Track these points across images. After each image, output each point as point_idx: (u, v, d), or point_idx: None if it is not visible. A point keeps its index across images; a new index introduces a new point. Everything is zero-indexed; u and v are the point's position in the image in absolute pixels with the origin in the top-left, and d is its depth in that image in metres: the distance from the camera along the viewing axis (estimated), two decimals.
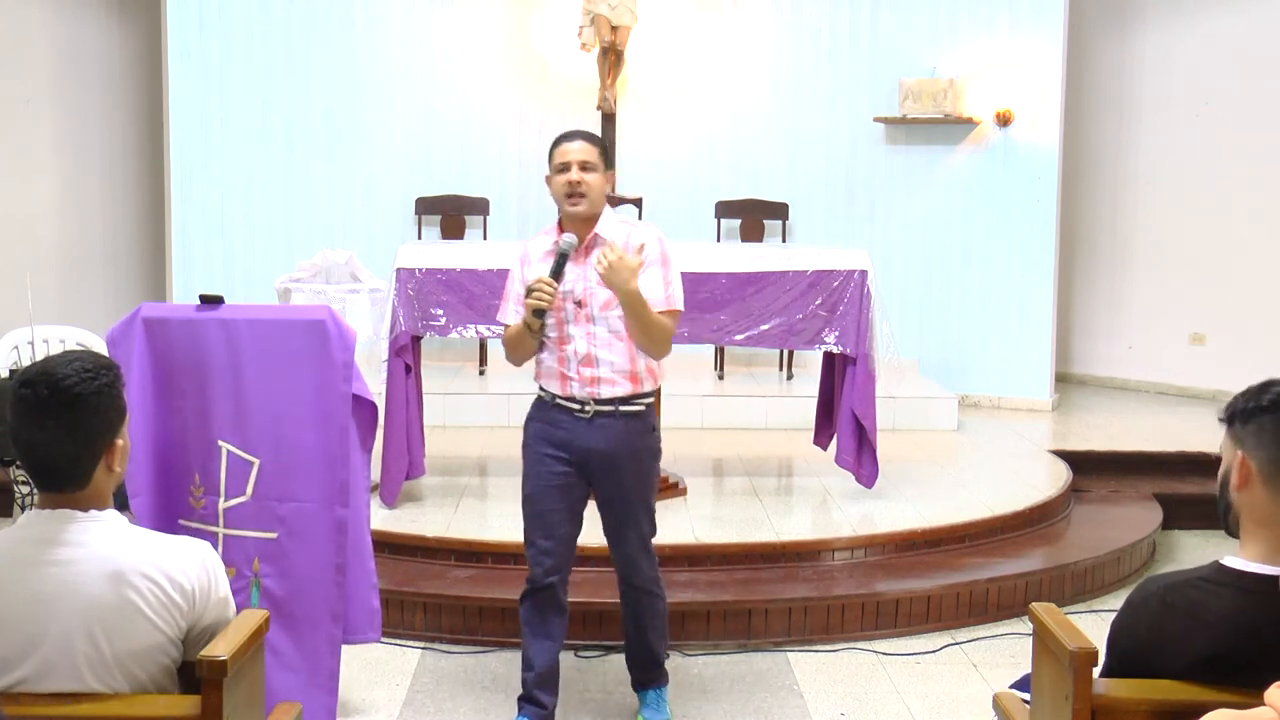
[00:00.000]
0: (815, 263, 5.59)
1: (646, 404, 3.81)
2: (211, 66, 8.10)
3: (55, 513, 2.27)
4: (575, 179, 3.69)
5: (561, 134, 3.82)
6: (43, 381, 2.22)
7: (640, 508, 3.86)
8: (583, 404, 3.73)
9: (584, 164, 3.71)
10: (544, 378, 3.80)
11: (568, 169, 3.71)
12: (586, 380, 3.71)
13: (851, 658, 4.70)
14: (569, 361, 3.72)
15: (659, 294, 3.69)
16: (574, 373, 3.71)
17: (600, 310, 3.70)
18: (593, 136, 3.84)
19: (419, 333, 5.41)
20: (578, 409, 3.74)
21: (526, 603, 3.89)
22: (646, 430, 3.83)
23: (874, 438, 5.59)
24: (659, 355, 3.76)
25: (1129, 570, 5.63)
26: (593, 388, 3.71)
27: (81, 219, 8.36)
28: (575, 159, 3.72)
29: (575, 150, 3.73)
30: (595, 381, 3.71)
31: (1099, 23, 8.69)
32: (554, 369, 3.75)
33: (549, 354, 3.76)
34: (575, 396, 3.73)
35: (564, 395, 3.74)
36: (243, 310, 3.69)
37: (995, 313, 8.18)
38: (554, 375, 3.76)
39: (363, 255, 6.34)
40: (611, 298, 3.65)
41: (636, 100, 8.16)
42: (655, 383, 3.82)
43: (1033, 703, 2.64)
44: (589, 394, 3.72)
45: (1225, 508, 2.29)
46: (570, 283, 3.70)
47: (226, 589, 2.40)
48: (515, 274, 3.85)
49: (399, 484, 5.44)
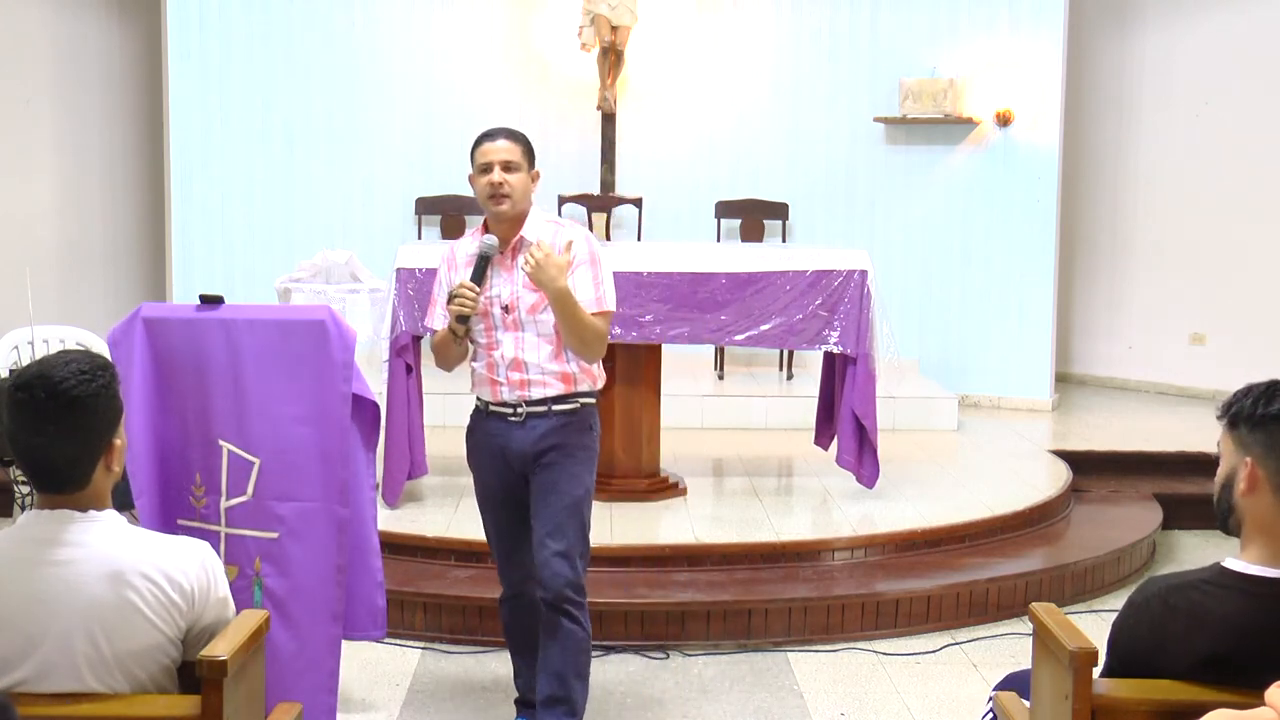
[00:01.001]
0: (815, 263, 5.59)
1: (583, 403, 3.66)
2: (211, 66, 8.10)
3: (54, 513, 2.27)
4: (497, 180, 3.55)
5: (483, 132, 3.66)
6: (39, 384, 2.21)
7: (568, 513, 3.58)
8: (514, 407, 3.61)
9: (506, 164, 3.56)
10: (477, 386, 3.70)
11: (489, 169, 3.57)
12: (516, 384, 3.59)
13: (851, 658, 4.70)
14: (497, 367, 3.61)
15: (589, 294, 3.56)
16: (503, 378, 3.60)
17: (528, 314, 3.59)
18: (515, 134, 3.66)
19: (419, 333, 5.40)
20: (510, 413, 3.62)
21: (503, 609, 3.89)
22: (583, 428, 3.66)
23: (874, 438, 5.59)
24: (592, 357, 3.62)
25: (1129, 570, 5.63)
26: (523, 390, 3.59)
27: (81, 219, 8.36)
28: (497, 159, 3.57)
29: (496, 150, 3.58)
30: (525, 385, 3.59)
31: (1099, 23, 8.68)
32: (484, 375, 3.65)
33: (479, 361, 3.67)
34: (506, 401, 3.62)
35: (495, 401, 3.64)
36: (243, 310, 3.68)
37: (995, 313, 8.18)
38: (484, 382, 3.65)
39: (363, 255, 6.35)
40: (539, 300, 3.54)
41: (636, 100, 8.16)
42: (593, 384, 3.67)
43: (1033, 703, 2.64)
44: (519, 396, 3.60)
45: (1227, 510, 2.29)
46: (497, 287, 3.59)
47: (226, 589, 2.40)
48: (441, 276, 3.74)
49: (401, 484, 5.45)
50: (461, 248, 3.74)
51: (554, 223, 3.71)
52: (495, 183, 3.56)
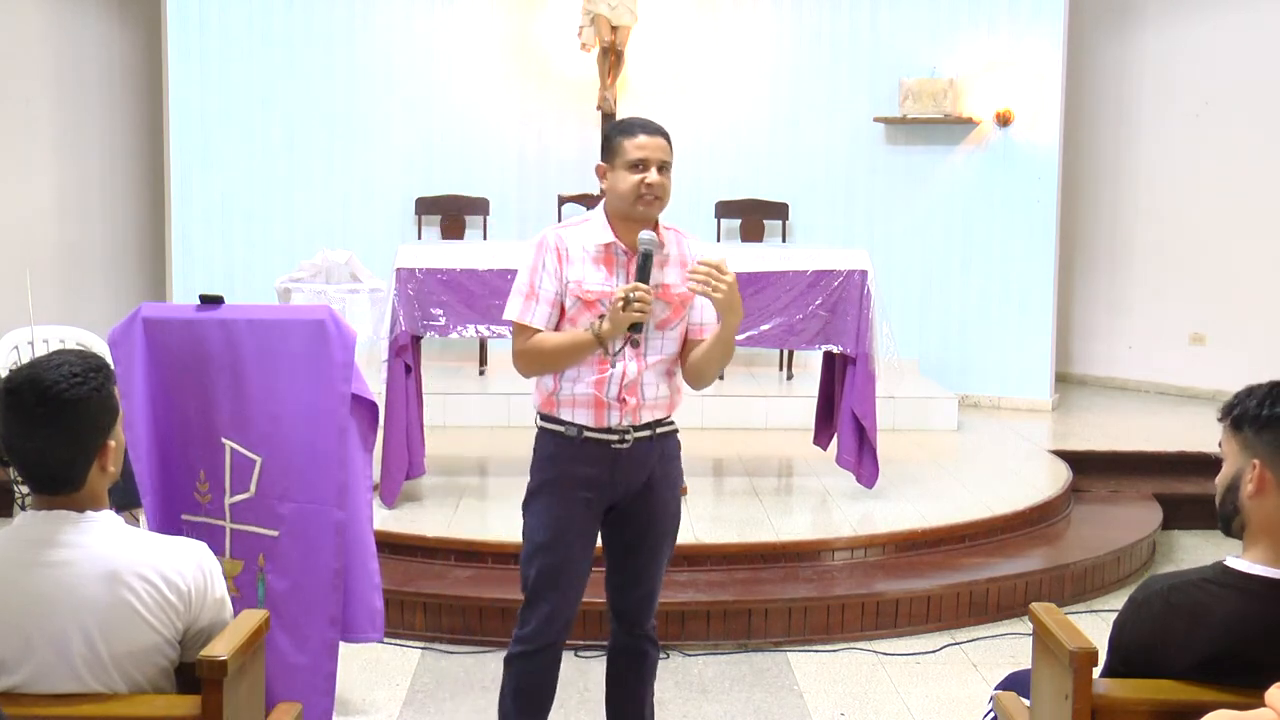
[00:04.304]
0: (815, 263, 5.59)
1: (676, 426, 3.35)
2: (211, 66, 8.10)
3: (50, 514, 2.26)
4: (655, 180, 3.15)
5: (636, 122, 3.23)
6: (29, 389, 2.19)
7: (669, 543, 3.37)
8: (622, 434, 3.18)
9: (663, 164, 3.17)
10: (567, 407, 3.20)
11: (645, 166, 3.15)
12: (629, 409, 3.17)
13: (851, 658, 4.70)
14: (609, 386, 3.16)
15: (714, 316, 3.20)
16: (613, 400, 3.16)
17: (656, 329, 3.18)
18: (666, 132, 3.24)
19: (419, 333, 5.40)
20: (615, 440, 3.19)
21: (523, 665, 3.30)
22: (677, 452, 3.36)
23: (874, 438, 5.59)
24: (705, 384, 3.31)
25: (1129, 570, 5.63)
26: (633, 417, 3.19)
27: (81, 219, 8.36)
28: (655, 157, 3.16)
29: (657, 146, 3.17)
30: (637, 410, 3.19)
31: (1099, 23, 8.68)
32: (587, 396, 3.17)
33: (578, 377, 3.18)
34: (613, 427, 3.18)
35: (598, 427, 3.18)
36: (243, 310, 3.68)
37: (995, 313, 8.18)
38: (586, 403, 3.18)
39: (363, 255, 6.35)
40: (672, 316, 3.19)
41: (636, 100, 8.15)
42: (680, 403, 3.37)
43: (1033, 703, 2.64)
44: (628, 423, 3.19)
45: (1232, 511, 2.28)
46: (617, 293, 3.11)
47: (224, 590, 2.40)
48: (549, 268, 3.18)
49: (399, 484, 5.44)
50: (573, 238, 3.21)
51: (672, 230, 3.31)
52: (652, 184, 3.15)
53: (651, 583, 3.35)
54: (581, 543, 3.26)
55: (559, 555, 3.23)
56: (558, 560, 3.24)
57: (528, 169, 8.16)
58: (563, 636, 3.32)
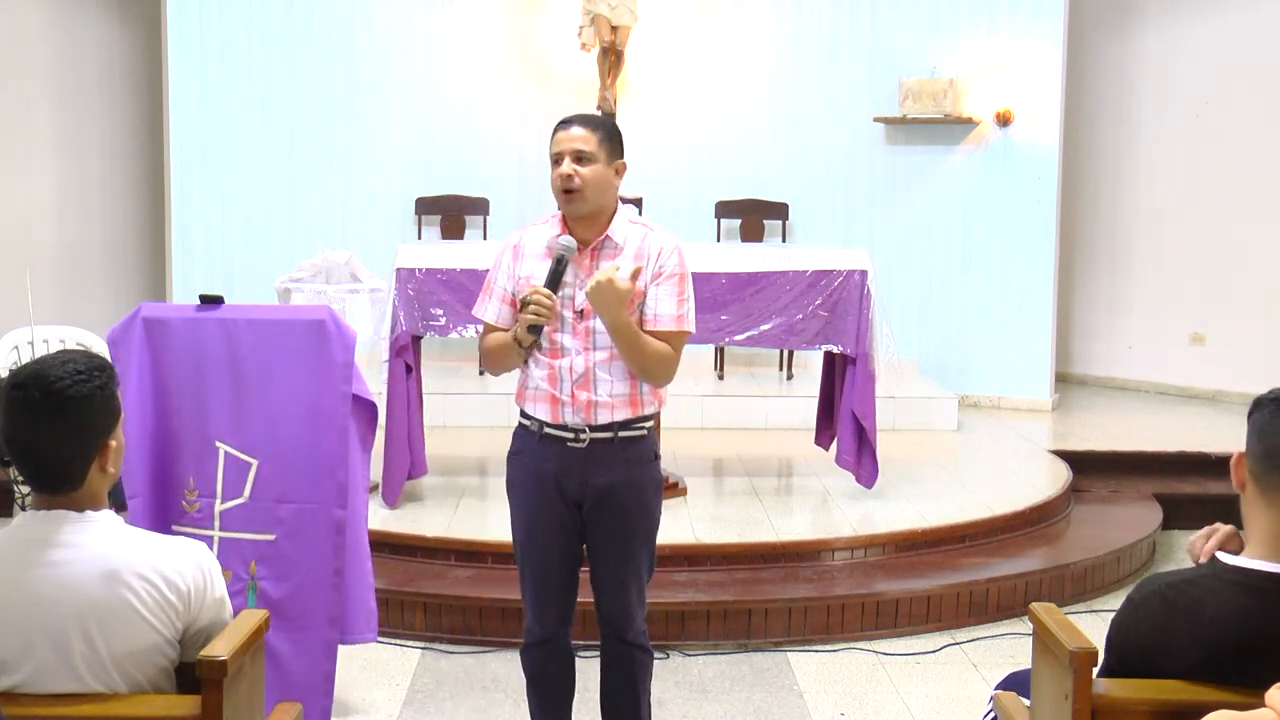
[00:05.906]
0: (815, 263, 5.59)
1: (647, 428, 3.25)
2: (211, 66, 8.10)
3: (50, 514, 2.26)
4: (567, 171, 3.11)
5: (560, 119, 3.21)
6: (34, 383, 2.20)
7: (644, 551, 3.30)
8: (576, 432, 3.16)
9: (579, 154, 3.11)
10: (529, 401, 3.22)
11: (560, 160, 3.13)
12: (581, 405, 3.14)
13: (851, 658, 4.70)
14: (561, 381, 3.14)
15: (671, 310, 3.16)
16: (567, 395, 3.14)
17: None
18: (594, 120, 3.21)
19: (419, 333, 5.41)
20: (571, 438, 3.16)
21: (531, 657, 3.40)
22: (649, 458, 3.27)
23: (874, 438, 5.59)
24: (660, 383, 3.22)
25: (1129, 570, 5.63)
26: (587, 414, 3.14)
27: (81, 219, 8.36)
28: (568, 148, 3.12)
29: (569, 138, 3.14)
30: (591, 407, 3.14)
31: (1099, 23, 8.68)
32: (543, 390, 3.17)
33: (537, 369, 3.18)
34: (568, 424, 3.16)
35: (554, 423, 3.17)
36: (243, 310, 3.68)
37: (995, 313, 8.18)
38: (543, 398, 3.17)
39: (363, 255, 6.33)
40: None
41: (636, 100, 8.16)
42: (658, 405, 3.29)
43: (1033, 703, 2.64)
44: (583, 420, 3.15)
45: None
46: (572, 287, 3.13)
47: (223, 590, 2.40)
48: (504, 265, 3.25)
49: (401, 484, 5.44)
50: (532, 237, 3.24)
51: (642, 225, 3.25)
52: (565, 175, 3.11)
53: (625, 593, 3.30)
54: (556, 538, 3.25)
55: (535, 552, 3.29)
56: (535, 556, 3.29)
57: (528, 169, 8.15)
58: (562, 630, 3.36)
